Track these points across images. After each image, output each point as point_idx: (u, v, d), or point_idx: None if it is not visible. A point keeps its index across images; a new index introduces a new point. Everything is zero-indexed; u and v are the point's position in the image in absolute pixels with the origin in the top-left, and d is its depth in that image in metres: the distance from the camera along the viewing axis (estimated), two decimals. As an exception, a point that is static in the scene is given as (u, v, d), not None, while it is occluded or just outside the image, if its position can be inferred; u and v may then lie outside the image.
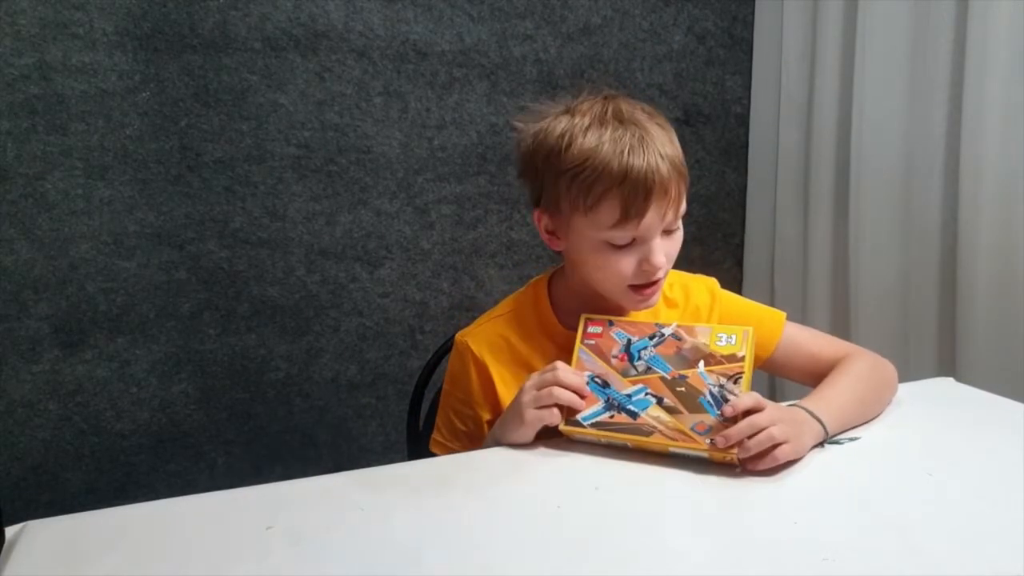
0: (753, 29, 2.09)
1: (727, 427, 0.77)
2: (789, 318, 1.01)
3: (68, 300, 1.60)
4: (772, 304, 2.05)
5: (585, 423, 0.83)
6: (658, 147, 0.87)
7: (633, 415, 0.82)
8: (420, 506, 0.74)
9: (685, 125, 2.05)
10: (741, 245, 2.20)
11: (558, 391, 0.82)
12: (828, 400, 0.86)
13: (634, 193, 0.83)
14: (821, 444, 0.82)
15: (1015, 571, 0.61)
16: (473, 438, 0.98)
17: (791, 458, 0.77)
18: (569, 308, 0.96)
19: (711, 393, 0.80)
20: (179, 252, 1.67)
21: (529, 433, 0.85)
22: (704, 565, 0.63)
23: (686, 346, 0.83)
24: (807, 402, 0.85)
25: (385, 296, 1.86)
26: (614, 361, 0.85)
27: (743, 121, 2.14)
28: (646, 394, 0.82)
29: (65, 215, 1.57)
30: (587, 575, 0.63)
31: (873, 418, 0.91)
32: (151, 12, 1.57)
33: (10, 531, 0.70)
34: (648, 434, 0.80)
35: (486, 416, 0.97)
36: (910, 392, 0.99)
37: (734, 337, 0.82)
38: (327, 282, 1.80)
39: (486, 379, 0.96)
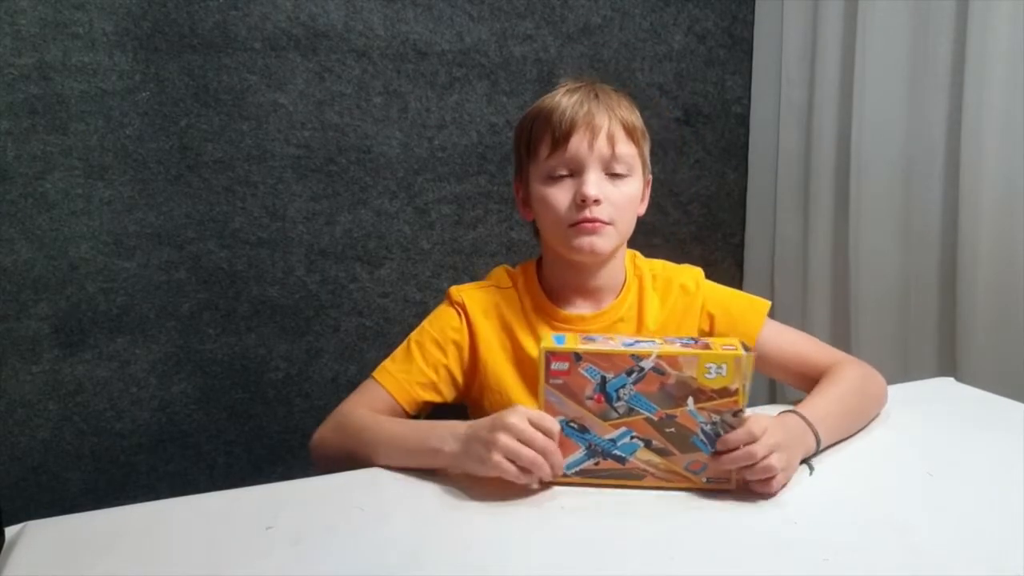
0: (753, 29, 2.09)
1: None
2: (789, 318, 1.01)
3: (68, 300, 1.60)
4: (772, 305, 2.05)
5: (569, 472, 0.77)
6: (605, 100, 0.92)
7: (621, 460, 0.76)
8: (420, 506, 0.74)
9: (685, 125, 2.05)
10: (741, 245, 2.20)
11: (527, 453, 0.72)
12: (824, 410, 0.83)
13: (560, 121, 0.90)
14: (806, 461, 0.79)
15: (1015, 571, 0.61)
16: (424, 377, 0.95)
17: (783, 484, 0.75)
18: (551, 288, 0.99)
19: (703, 431, 0.75)
20: (179, 252, 1.67)
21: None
22: (704, 565, 0.63)
23: (671, 381, 0.74)
24: (804, 410, 0.82)
25: (385, 296, 1.85)
26: (589, 403, 0.75)
27: (743, 121, 2.13)
28: (632, 438, 0.76)
29: (65, 215, 1.57)
30: (587, 575, 0.63)
31: (857, 432, 0.88)
32: (151, 12, 1.57)
33: (10, 531, 0.70)
34: (640, 478, 0.77)
35: (444, 362, 0.96)
36: (910, 392, 0.99)
37: (724, 368, 0.73)
38: (327, 282, 1.80)
39: (471, 333, 0.97)
